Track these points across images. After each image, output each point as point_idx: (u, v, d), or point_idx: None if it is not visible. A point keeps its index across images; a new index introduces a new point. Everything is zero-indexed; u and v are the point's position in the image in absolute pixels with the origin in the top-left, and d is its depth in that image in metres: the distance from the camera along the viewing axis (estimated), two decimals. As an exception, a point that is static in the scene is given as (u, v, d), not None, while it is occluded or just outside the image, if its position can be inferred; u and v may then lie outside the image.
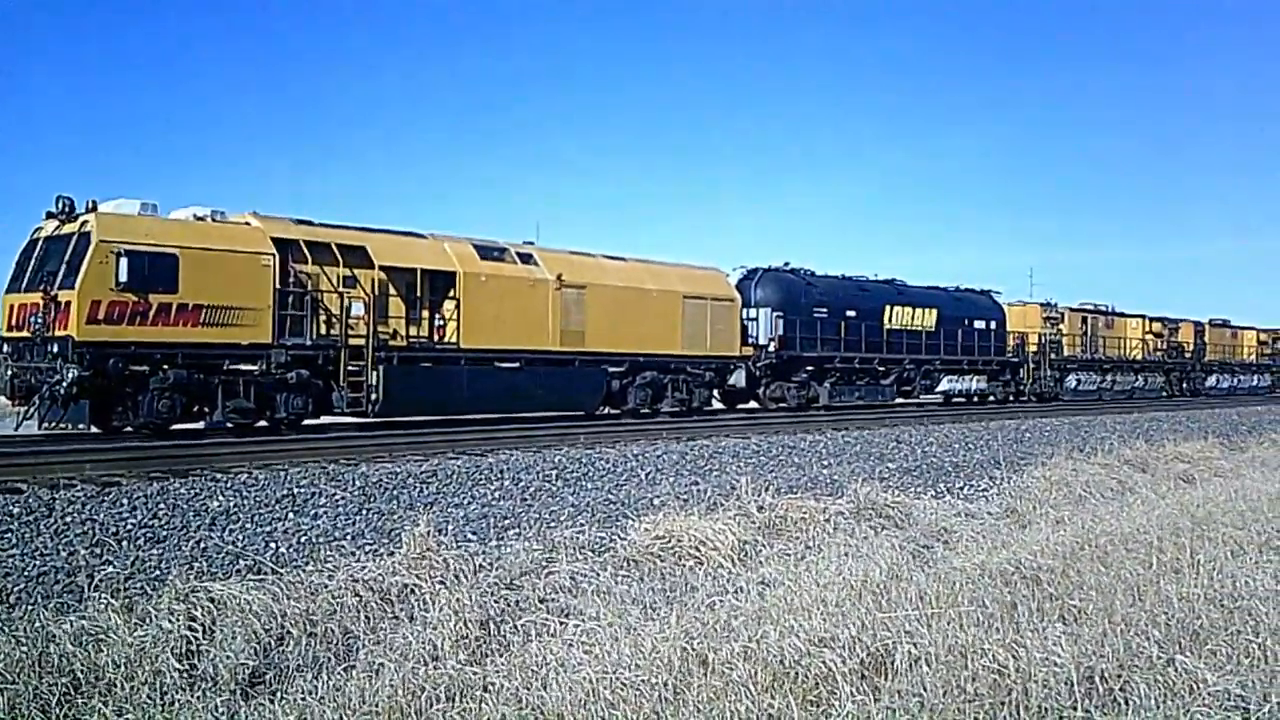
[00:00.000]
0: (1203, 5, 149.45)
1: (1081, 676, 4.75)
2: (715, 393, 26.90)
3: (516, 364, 20.83)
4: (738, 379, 26.74)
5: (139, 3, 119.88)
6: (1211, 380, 50.36)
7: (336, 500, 11.62)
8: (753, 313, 27.67)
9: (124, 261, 15.49)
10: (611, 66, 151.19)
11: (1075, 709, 4.45)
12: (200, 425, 17.28)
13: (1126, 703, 4.58)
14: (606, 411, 23.42)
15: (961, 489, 14.73)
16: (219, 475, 12.42)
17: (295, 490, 11.90)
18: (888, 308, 31.61)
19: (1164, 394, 46.00)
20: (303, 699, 5.52)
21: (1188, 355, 48.99)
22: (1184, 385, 48.14)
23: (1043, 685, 4.66)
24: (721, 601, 6.96)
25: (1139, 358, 45.21)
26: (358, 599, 7.58)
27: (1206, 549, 7.58)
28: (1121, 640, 5.23)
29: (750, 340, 27.09)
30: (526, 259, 21.50)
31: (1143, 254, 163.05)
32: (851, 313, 30.18)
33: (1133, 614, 5.74)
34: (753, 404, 28.65)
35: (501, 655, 6.10)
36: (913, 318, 32.46)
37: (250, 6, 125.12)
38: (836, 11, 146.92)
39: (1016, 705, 4.53)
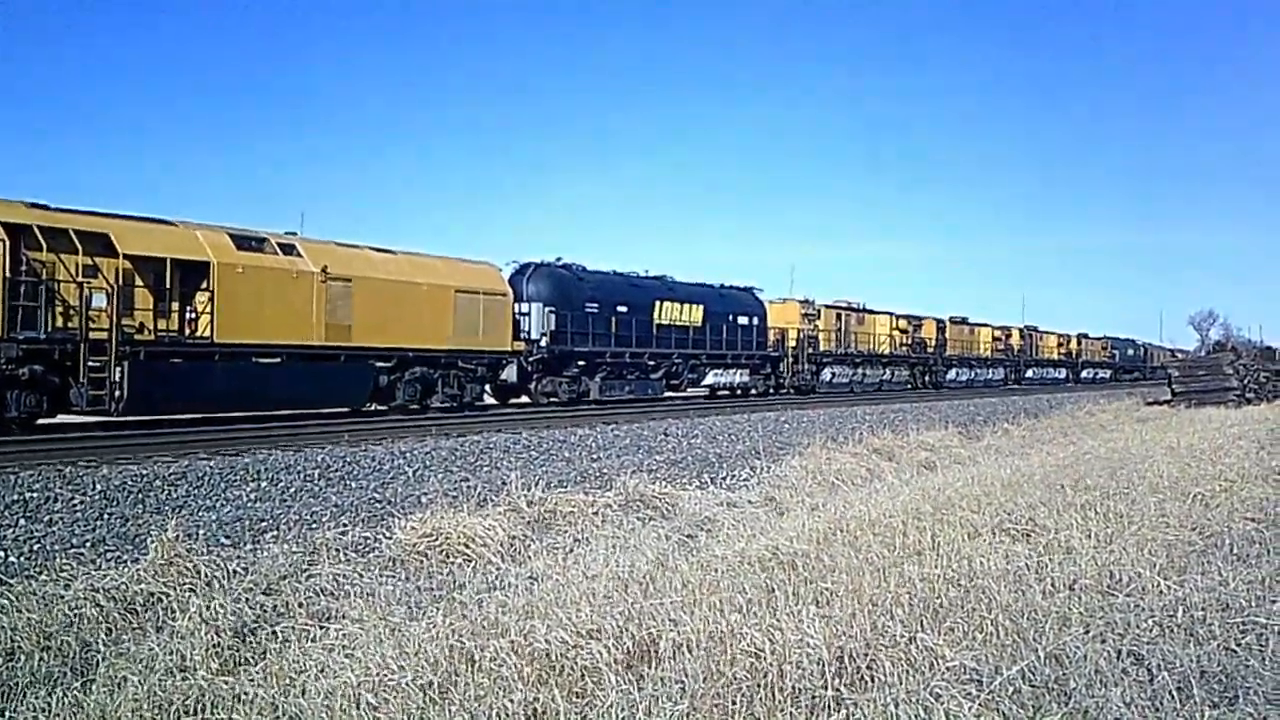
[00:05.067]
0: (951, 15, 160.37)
1: (833, 656, 4.96)
2: (487, 388, 26.72)
3: (277, 359, 19.96)
4: (510, 374, 26.66)
5: None
6: (952, 374, 54.12)
7: (74, 505, 10.80)
8: (525, 307, 27.65)
9: None
10: (379, 57, 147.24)
11: (826, 688, 4.65)
12: (-85, 426, 15.72)
13: (873, 680, 4.81)
14: (374, 407, 22.83)
15: (725, 479, 15.19)
16: (-64, 481, 11.33)
17: (27, 495, 10.99)
18: (657, 303, 32.28)
19: (909, 386, 49.09)
20: (35, 717, 5.10)
21: (930, 350, 52.46)
22: (927, 378, 51.52)
23: (797, 666, 4.84)
24: (490, 598, 6.89)
25: (887, 352, 48.06)
26: (98, 609, 7.07)
27: (946, 532, 8.09)
28: (869, 620, 5.50)
29: (522, 335, 27.05)
30: (289, 250, 20.64)
31: (892, 252, 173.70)
32: (623, 308, 30.65)
33: (879, 595, 6.05)
34: (525, 399, 28.62)
35: (257, 663, 5.81)
36: (681, 313, 33.29)
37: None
38: (605, 9, 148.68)
39: (773, 687, 4.69)
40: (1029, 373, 64.66)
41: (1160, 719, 4.52)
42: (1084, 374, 73.70)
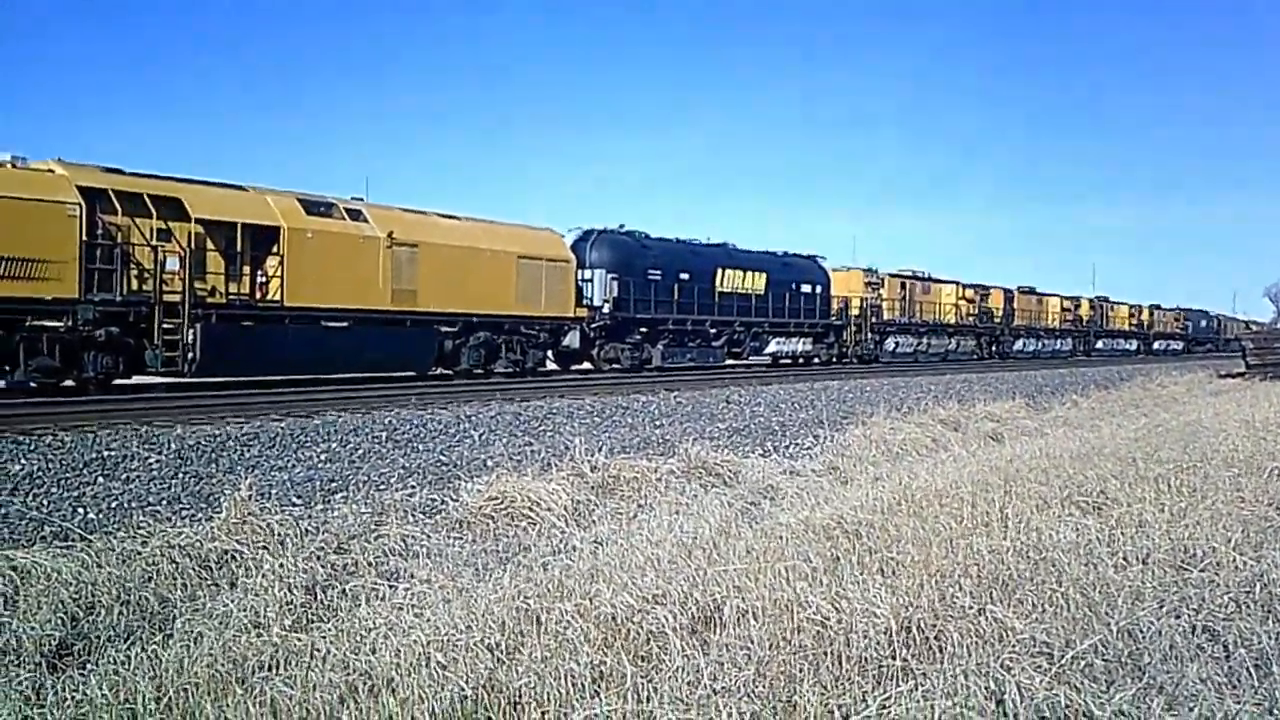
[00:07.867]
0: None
1: (900, 626, 4.93)
2: (549, 354, 26.87)
3: (345, 323, 20.25)
4: (572, 340, 26.78)
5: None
6: (1019, 344, 53.25)
7: (151, 463, 11.07)
8: (587, 274, 27.68)
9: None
10: (441, 23, 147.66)
11: (894, 658, 4.63)
12: (0, 384, 16.20)
13: (941, 650, 4.78)
14: (439, 372, 23.08)
15: (787, 448, 15.14)
16: (21, 438, 11.67)
17: (105, 453, 11.29)
18: (719, 271, 32.13)
19: (975, 356, 48.39)
20: (115, 669, 5.23)
21: (997, 320, 51.63)
22: (994, 348, 50.76)
23: (863, 635, 4.82)
24: (555, 561, 6.96)
25: (953, 322, 47.37)
26: (174, 566, 7.25)
27: (1014, 504, 7.97)
28: (936, 591, 5.45)
29: (585, 301, 27.12)
30: (356, 215, 20.87)
31: (959, 222, 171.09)
32: (684, 275, 30.56)
33: (947, 566, 5.98)
34: (587, 365, 28.73)
35: (329, 620, 5.92)
36: (743, 281, 33.11)
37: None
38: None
39: (839, 655, 4.68)
40: (1099, 344, 63.36)
41: (1237, 696, 4.43)
42: (1155, 346, 71.96)
